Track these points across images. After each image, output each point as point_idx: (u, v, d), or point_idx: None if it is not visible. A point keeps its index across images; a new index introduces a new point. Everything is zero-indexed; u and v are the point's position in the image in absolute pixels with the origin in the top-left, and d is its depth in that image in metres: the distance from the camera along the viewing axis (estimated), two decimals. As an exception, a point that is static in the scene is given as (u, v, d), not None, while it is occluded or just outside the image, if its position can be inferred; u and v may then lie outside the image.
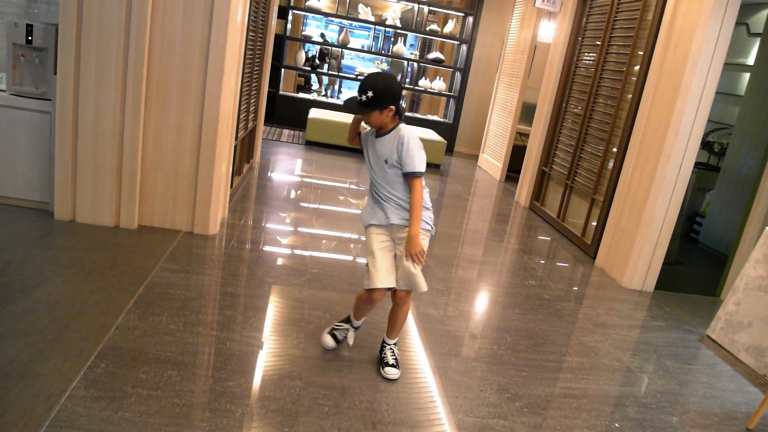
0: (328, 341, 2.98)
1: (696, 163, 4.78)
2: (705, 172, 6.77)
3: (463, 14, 10.16)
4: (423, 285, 2.72)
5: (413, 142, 2.64)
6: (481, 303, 4.12)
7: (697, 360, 3.72)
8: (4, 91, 4.01)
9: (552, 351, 3.45)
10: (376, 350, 3.03)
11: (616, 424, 2.81)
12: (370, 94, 2.58)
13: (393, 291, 2.79)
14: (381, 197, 2.74)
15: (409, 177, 2.65)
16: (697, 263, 6.14)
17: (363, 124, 2.84)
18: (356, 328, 3.01)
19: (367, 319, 3.08)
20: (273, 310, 3.33)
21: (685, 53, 4.36)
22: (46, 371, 2.41)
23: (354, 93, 2.72)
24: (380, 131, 2.72)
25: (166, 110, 3.96)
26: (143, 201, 4.09)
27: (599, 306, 4.28)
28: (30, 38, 3.89)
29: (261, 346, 2.91)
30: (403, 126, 2.70)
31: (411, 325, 3.46)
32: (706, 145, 6.92)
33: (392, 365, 2.87)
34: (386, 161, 2.66)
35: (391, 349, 2.93)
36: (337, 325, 3.01)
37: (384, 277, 2.69)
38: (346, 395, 2.63)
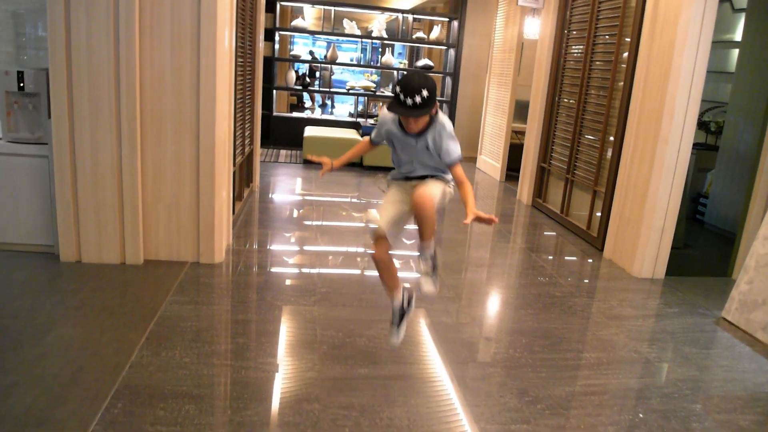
0: (394, 338, 2.98)
1: (694, 144, 4.78)
2: (704, 152, 6.75)
3: (447, 19, 10.20)
4: (434, 198, 2.67)
5: (451, 131, 2.66)
6: (493, 306, 4.10)
7: (715, 343, 3.69)
8: (0, 138, 4.03)
9: (568, 349, 3.43)
10: (391, 365, 3.02)
11: (641, 415, 2.79)
12: (425, 93, 2.45)
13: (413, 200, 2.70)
14: (413, 165, 2.78)
15: (451, 166, 2.70)
16: (705, 245, 6.11)
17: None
18: (400, 308, 2.94)
19: (379, 332, 3.07)
20: (285, 333, 3.32)
21: (672, 36, 4.36)
22: (64, 416, 2.41)
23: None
24: (416, 132, 2.66)
25: (163, 143, 3.97)
26: (147, 235, 4.09)
27: (611, 298, 4.26)
28: (22, 85, 3.91)
29: (276, 371, 2.90)
30: (440, 116, 2.67)
31: (425, 334, 3.45)
32: (702, 125, 6.91)
33: (424, 274, 2.86)
34: (427, 147, 2.68)
35: (424, 257, 2.85)
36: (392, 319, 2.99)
37: (385, 223, 2.75)
38: (366, 414, 2.62)
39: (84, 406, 2.48)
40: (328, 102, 11.86)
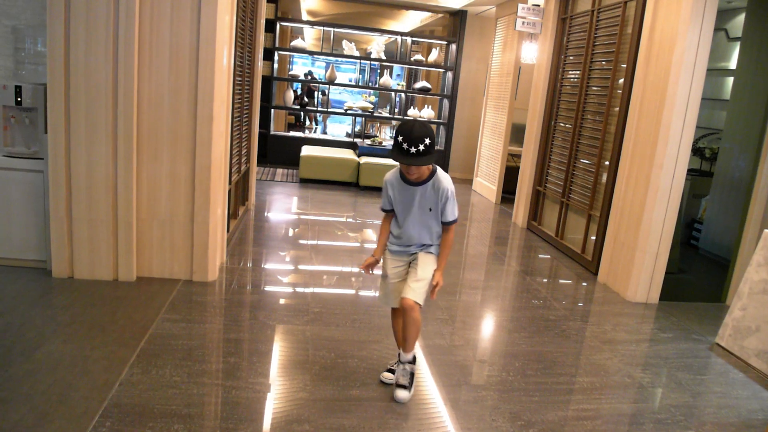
0: (387, 375, 3.02)
1: (689, 170, 4.80)
2: (699, 178, 6.79)
3: (446, 42, 10.30)
4: (421, 297, 2.81)
5: (453, 194, 2.77)
6: (487, 329, 4.09)
7: (709, 369, 3.68)
8: (-5, 153, 4.03)
9: (562, 373, 3.41)
10: (382, 387, 2.99)
11: (633, 443, 2.77)
12: (427, 141, 2.55)
13: (401, 300, 2.85)
14: (410, 236, 2.85)
15: (448, 224, 2.84)
16: (699, 270, 6.11)
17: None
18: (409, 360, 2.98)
19: (372, 353, 3.05)
20: (277, 353, 3.30)
21: (667, 63, 4.41)
22: (51, 435, 2.37)
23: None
24: (418, 180, 2.73)
25: (158, 161, 3.97)
26: (140, 252, 4.08)
27: (605, 322, 4.25)
28: (19, 99, 3.92)
29: (267, 392, 2.87)
30: (439, 173, 2.76)
31: (419, 357, 3.41)
32: (697, 151, 6.96)
33: (402, 386, 2.89)
34: (431, 209, 2.77)
35: (403, 368, 2.93)
36: (391, 365, 3.08)
37: (392, 299, 2.93)
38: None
39: (72, 425, 2.45)
40: (323, 122, 11.93)
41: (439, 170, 2.79)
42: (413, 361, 2.97)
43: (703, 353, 3.89)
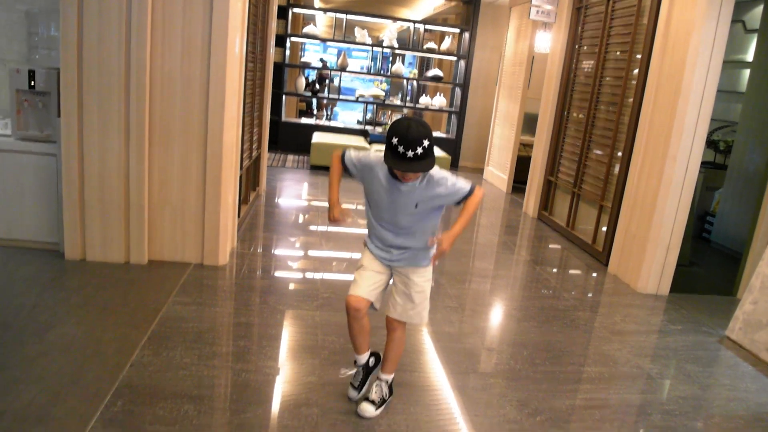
0: (351, 393, 2.74)
1: (703, 163, 4.76)
2: (712, 171, 6.73)
3: (458, 30, 10.23)
4: (423, 319, 2.59)
5: (450, 174, 2.41)
6: (496, 317, 4.09)
7: (718, 362, 3.67)
8: (9, 136, 4.06)
9: (570, 362, 3.41)
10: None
11: (641, 431, 2.77)
12: (426, 143, 2.19)
13: (387, 317, 2.62)
14: (390, 242, 2.51)
15: (467, 197, 2.43)
16: (711, 263, 6.08)
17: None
18: (365, 366, 2.75)
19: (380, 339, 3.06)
20: (287, 337, 3.32)
21: (683, 55, 4.36)
22: (64, 413, 2.41)
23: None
24: (405, 178, 2.34)
25: (170, 147, 3.99)
26: (152, 236, 4.11)
27: (615, 313, 4.24)
28: (32, 83, 3.94)
29: (277, 375, 2.89)
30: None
31: (428, 344, 3.44)
32: (711, 143, 6.89)
33: (371, 401, 2.64)
34: (417, 205, 2.39)
35: (379, 385, 2.69)
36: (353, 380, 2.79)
37: (363, 289, 2.52)
38: (365, 420, 2.60)
39: (84, 404, 2.48)
40: (337, 110, 11.91)
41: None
42: (391, 384, 2.74)
43: (712, 346, 3.88)
